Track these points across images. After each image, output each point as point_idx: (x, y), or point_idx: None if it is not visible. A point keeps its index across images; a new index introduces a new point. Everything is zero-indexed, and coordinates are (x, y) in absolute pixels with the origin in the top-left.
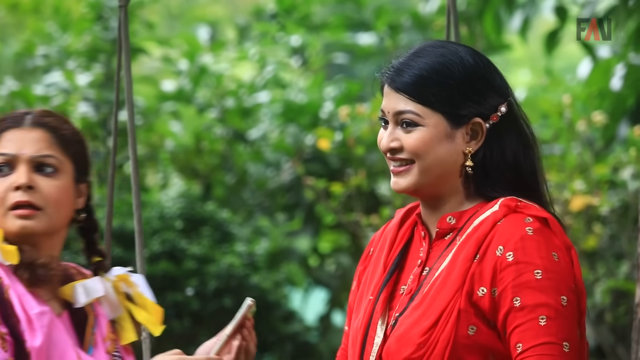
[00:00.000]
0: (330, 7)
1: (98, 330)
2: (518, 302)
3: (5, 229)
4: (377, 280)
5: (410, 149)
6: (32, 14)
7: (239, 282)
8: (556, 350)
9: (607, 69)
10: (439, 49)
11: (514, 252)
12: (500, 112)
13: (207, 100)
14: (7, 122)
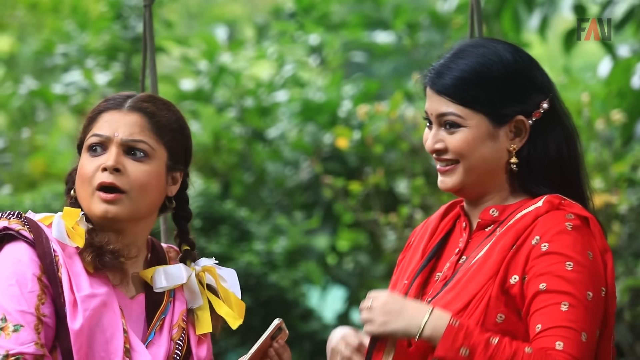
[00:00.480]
0: (348, 6)
1: (168, 317)
2: (544, 286)
3: (90, 211)
4: (413, 266)
5: (454, 149)
6: (51, 13)
7: (257, 280)
8: (573, 335)
9: (627, 68)
10: (479, 49)
11: (550, 243)
12: (542, 109)
13: (225, 99)
14: (108, 103)
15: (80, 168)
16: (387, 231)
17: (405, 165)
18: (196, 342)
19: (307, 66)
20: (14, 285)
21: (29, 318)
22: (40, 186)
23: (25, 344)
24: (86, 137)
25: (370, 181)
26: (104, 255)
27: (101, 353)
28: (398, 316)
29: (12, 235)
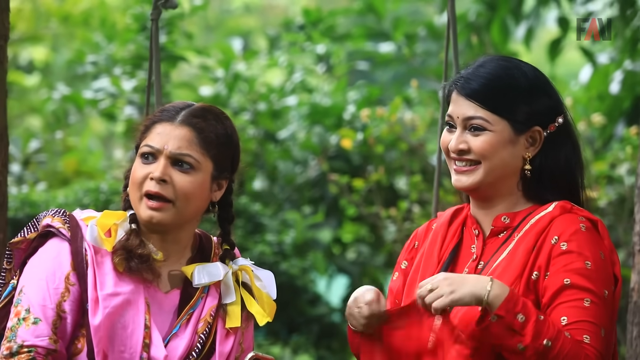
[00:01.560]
0: (352, 19)
1: (196, 311)
2: (569, 282)
3: (138, 213)
4: (431, 270)
5: (478, 151)
6: (82, 25)
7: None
8: (595, 330)
9: (606, 75)
10: (503, 62)
11: (568, 243)
12: (557, 123)
13: (240, 104)
14: (163, 115)
15: (133, 172)
16: (388, 224)
17: (404, 163)
18: (222, 337)
19: (314, 73)
20: (42, 280)
21: (49, 313)
22: (72, 183)
23: (40, 337)
24: (141, 144)
25: (372, 178)
26: (131, 259)
27: (120, 347)
28: (463, 285)
29: (53, 232)
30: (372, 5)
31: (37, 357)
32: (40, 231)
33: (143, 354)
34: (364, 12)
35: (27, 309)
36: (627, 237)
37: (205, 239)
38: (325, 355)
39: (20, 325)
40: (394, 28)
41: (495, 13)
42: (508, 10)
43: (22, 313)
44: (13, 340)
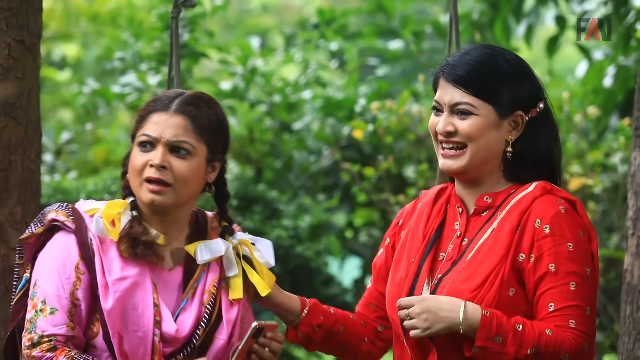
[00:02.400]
0: (363, 18)
1: (200, 285)
2: (553, 267)
3: (139, 197)
4: (417, 246)
5: (464, 133)
6: (110, 24)
7: (285, 251)
8: (581, 312)
9: (601, 70)
10: (487, 50)
11: (550, 226)
12: (539, 108)
13: (258, 97)
14: (157, 104)
15: (132, 160)
16: (397, 209)
17: (411, 153)
18: (227, 305)
19: (328, 69)
20: (54, 272)
21: (64, 302)
22: (101, 172)
23: (58, 325)
24: (137, 133)
25: (381, 167)
26: (137, 246)
27: (134, 327)
28: (437, 319)
29: (59, 225)
30: (381, 4)
31: (57, 344)
32: (47, 226)
33: (155, 330)
34: (374, 12)
35: (42, 301)
36: (620, 222)
37: (201, 215)
38: None
39: (39, 316)
40: (402, 26)
41: (498, 12)
42: (509, 10)
43: (39, 305)
44: (33, 332)
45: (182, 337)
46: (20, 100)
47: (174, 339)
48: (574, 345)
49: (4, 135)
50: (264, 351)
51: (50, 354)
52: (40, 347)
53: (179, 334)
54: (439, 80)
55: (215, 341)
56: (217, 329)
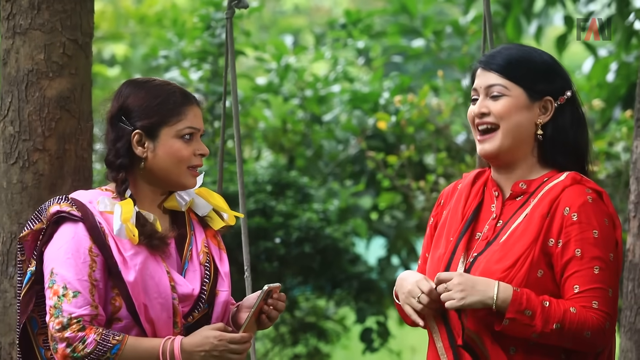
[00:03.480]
0: (387, 18)
1: (194, 247)
2: (579, 252)
3: (179, 182)
4: (456, 226)
5: (496, 113)
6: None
7: (315, 232)
8: (604, 294)
9: (605, 66)
10: (523, 47)
11: (578, 214)
12: (566, 96)
13: (290, 91)
14: (187, 100)
15: (177, 151)
16: (418, 194)
17: (431, 142)
18: (219, 260)
19: (355, 65)
20: (70, 259)
21: (85, 284)
22: None
23: (82, 307)
24: (172, 123)
25: (404, 155)
26: (153, 240)
27: (154, 294)
28: (472, 292)
29: (64, 216)
30: (405, 6)
31: (85, 324)
32: (51, 219)
33: (173, 295)
34: (397, 12)
35: (64, 287)
36: (623, 205)
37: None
38: (363, 307)
39: (62, 301)
40: (424, 26)
41: (510, 12)
42: (521, 10)
43: (61, 291)
44: (60, 315)
45: (195, 295)
46: (74, 94)
47: (190, 298)
48: (596, 324)
49: (59, 126)
50: (272, 310)
51: (82, 334)
52: (70, 329)
53: (194, 292)
54: (477, 71)
55: (219, 294)
56: (217, 282)
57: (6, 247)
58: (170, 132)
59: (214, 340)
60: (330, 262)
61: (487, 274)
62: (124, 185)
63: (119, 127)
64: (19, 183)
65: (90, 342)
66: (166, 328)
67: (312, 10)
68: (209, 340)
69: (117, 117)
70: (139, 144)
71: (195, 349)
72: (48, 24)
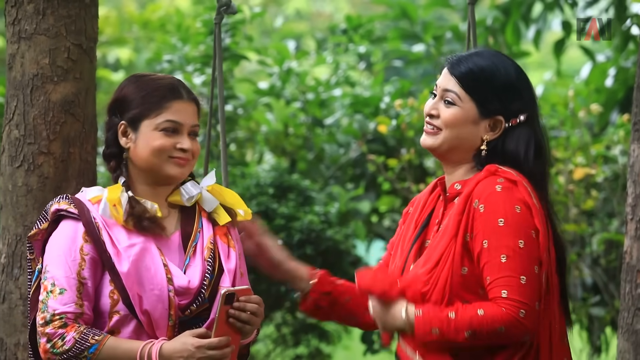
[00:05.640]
0: (388, 24)
1: (199, 243)
2: (486, 243)
3: (162, 172)
4: (410, 234)
5: (443, 119)
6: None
7: (317, 235)
8: (513, 282)
9: (603, 71)
10: (495, 58)
11: (485, 205)
12: (519, 120)
13: (292, 94)
14: (172, 94)
15: (154, 141)
16: None
17: None
18: (225, 257)
19: (356, 70)
20: (61, 256)
21: (72, 282)
22: None
23: (67, 304)
24: (152, 116)
25: (404, 158)
26: (142, 221)
27: (150, 286)
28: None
29: (63, 214)
30: (405, 11)
31: (68, 321)
32: (52, 218)
33: (169, 287)
34: (398, 18)
35: (52, 283)
36: (620, 208)
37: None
38: None
39: (49, 297)
40: (424, 31)
41: (509, 18)
42: (519, 16)
43: (49, 287)
44: (45, 311)
45: (194, 288)
46: (78, 98)
47: (187, 291)
48: (507, 315)
49: (64, 129)
50: (241, 314)
51: (62, 330)
52: (52, 325)
53: (191, 285)
54: (444, 68)
55: (220, 290)
56: (220, 279)
57: (11, 249)
58: (150, 124)
59: (191, 347)
60: (331, 264)
61: (414, 279)
62: (115, 173)
63: (111, 119)
64: (24, 186)
65: (69, 339)
66: (162, 320)
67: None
68: (187, 347)
69: (112, 108)
70: (124, 135)
71: (174, 354)
72: (53, 29)
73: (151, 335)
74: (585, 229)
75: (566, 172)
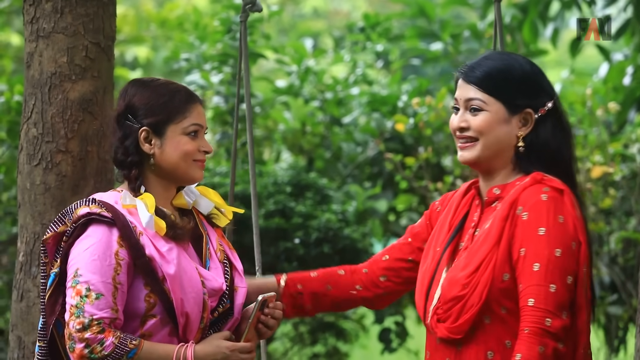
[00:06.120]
0: (405, 22)
1: (211, 245)
2: (523, 251)
3: (187, 175)
4: (443, 237)
5: (476, 128)
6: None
7: (334, 233)
8: (542, 290)
9: (622, 70)
10: (504, 56)
11: (528, 213)
12: (547, 107)
13: (310, 93)
14: (192, 98)
15: (182, 145)
16: (435, 195)
17: (449, 144)
18: (233, 257)
19: (374, 68)
20: (96, 260)
21: (108, 287)
22: None
23: (104, 309)
24: (177, 121)
25: (421, 157)
26: (176, 230)
27: (188, 289)
28: None
29: (94, 218)
30: (423, 9)
31: (105, 327)
32: (80, 221)
33: (204, 290)
34: (416, 16)
35: (87, 287)
36: (638, 206)
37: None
38: None
39: (85, 301)
40: (442, 29)
41: (526, 16)
42: (537, 14)
43: (84, 291)
44: (82, 315)
45: (222, 290)
46: (96, 96)
47: (217, 293)
48: (535, 336)
49: (82, 128)
50: (269, 319)
51: (101, 336)
52: (91, 330)
53: (223, 287)
54: (459, 81)
55: (238, 290)
56: (235, 279)
57: (29, 247)
58: (177, 129)
59: (226, 350)
60: (349, 262)
61: (453, 282)
62: (138, 181)
63: (125, 126)
64: (42, 184)
65: (109, 344)
66: (196, 323)
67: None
68: (221, 350)
69: (123, 115)
70: (146, 141)
71: (208, 357)
72: (71, 28)
73: (182, 338)
74: (603, 228)
75: (584, 171)
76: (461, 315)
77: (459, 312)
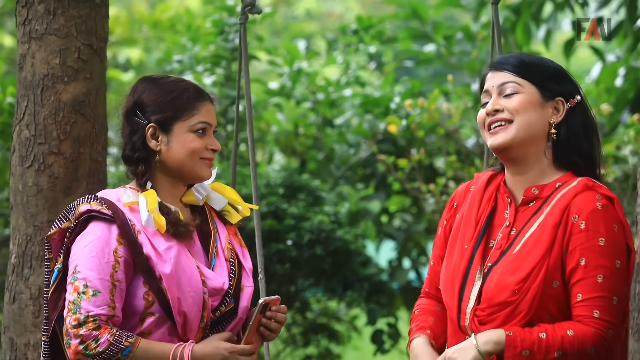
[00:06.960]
0: (398, 24)
1: (218, 244)
2: (583, 261)
3: (194, 173)
4: (470, 233)
5: (511, 108)
6: (170, 30)
7: (327, 235)
8: (606, 303)
9: (614, 71)
10: (530, 54)
11: (586, 221)
12: (576, 99)
13: (303, 94)
14: (201, 96)
15: (190, 143)
16: (428, 197)
17: (441, 145)
18: (242, 256)
19: (366, 70)
20: (94, 258)
21: (105, 284)
22: None
23: (100, 306)
24: (185, 118)
25: (414, 158)
26: (178, 228)
27: (187, 288)
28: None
29: (94, 215)
30: (416, 11)
31: (101, 323)
32: (81, 217)
33: (204, 289)
34: (409, 18)
35: (85, 284)
36: (630, 208)
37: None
38: (374, 308)
39: (82, 298)
40: (435, 31)
41: (519, 18)
42: (530, 15)
43: (81, 288)
44: (78, 312)
45: (225, 289)
46: (89, 98)
47: (219, 292)
48: (597, 336)
49: (74, 129)
50: (272, 323)
51: (96, 332)
52: (86, 326)
53: (224, 286)
54: (487, 75)
55: (244, 289)
56: (242, 278)
57: (22, 249)
58: (184, 126)
59: (225, 352)
60: (341, 264)
61: (501, 286)
62: (144, 177)
63: (134, 122)
64: (34, 186)
65: (103, 341)
66: (195, 322)
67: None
68: (220, 351)
69: (132, 111)
70: (153, 137)
71: (206, 357)
72: (63, 29)
73: (182, 336)
74: None
75: None
76: (509, 320)
77: (506, 316)
